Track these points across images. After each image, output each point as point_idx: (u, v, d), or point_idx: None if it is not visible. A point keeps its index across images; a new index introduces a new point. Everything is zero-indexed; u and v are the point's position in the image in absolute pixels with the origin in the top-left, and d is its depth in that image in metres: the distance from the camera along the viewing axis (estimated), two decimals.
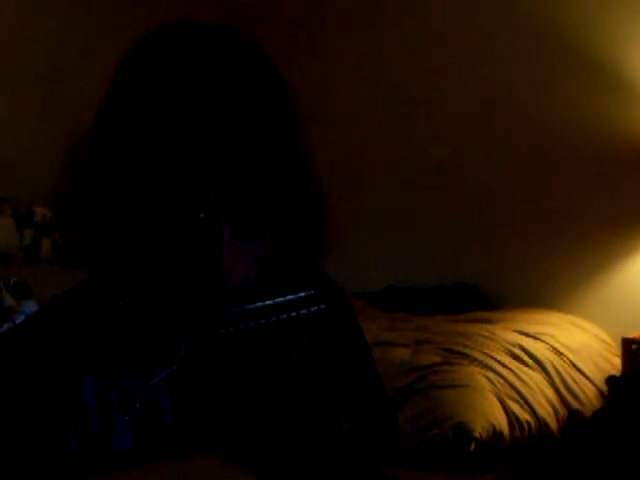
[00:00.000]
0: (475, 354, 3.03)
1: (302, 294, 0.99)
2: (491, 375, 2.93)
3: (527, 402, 2.94)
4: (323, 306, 1.00)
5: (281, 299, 0.97)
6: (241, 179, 0.90)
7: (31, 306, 3.35)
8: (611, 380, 3.27)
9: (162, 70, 0.91)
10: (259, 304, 0.96)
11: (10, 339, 0.99)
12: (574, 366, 3.28)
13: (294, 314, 0.98)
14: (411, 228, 4.35)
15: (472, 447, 2.65)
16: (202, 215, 0.88)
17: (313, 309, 0.99)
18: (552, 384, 3.13)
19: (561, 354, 3.27)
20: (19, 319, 3.20)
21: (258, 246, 0.94)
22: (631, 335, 3.37)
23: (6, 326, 3.20)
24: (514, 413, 2.85)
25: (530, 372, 3.08)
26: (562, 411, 3.09)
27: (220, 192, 0.89)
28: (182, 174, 0.88)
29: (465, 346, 3.10)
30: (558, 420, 3.05)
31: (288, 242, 0.98)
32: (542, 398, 3.02)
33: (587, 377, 3.30)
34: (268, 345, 0.99)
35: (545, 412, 2.99)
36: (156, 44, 0.94)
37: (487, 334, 3.24)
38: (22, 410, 0.92)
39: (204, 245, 0.89)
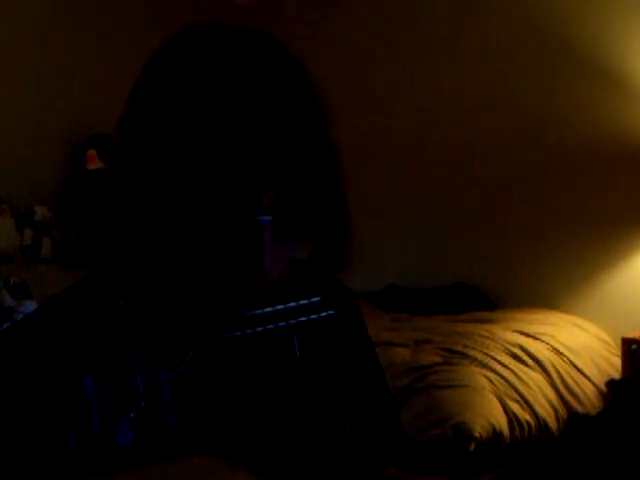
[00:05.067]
0: (475, 354, 3.03)
1: (311, 300, 0.99)
2: (491, 375, 2.93)
3: (527, 402, 2.94)
4: (331, 312, 1.00)
5: (291, 304, 0.97)
6: (290, 181, 0.89)
7: (31, 306, 3.35)
8: (612, 384, 3.27)
9: (192, 72, 0.89)
10: (268, 309, 0.96)
11: (7, 337, 0.98)
12: (574, 366, 3.28)
13: (302, 319, 0.98)
14: (411, 228, 4.35)
15: (472, 447, 2.65)
16: (251, 218, 0.88)
17: (321, 314, 0.99)
18: (552, 384, 3.13)
19: (561, 354, 3.27)
20: (19, 319, 3.20)
21: (293, 246, 0.94)
22: (631, 335, 3.37)
23: (6, 326, 3.19)
24: (514, 413, 2.85)
25: (530, 372, 3.08)
26: (562, 411, 3.09)
27: (271, 195, 0.88)
28: (231, 178, 0.86)
29: (465, 346, 3.10)
30: (558, 420, 3.05)
31: (322, 247, 0.98)
32: (542, 398, 3.02)
33: (587, 377, 3.30)
34: (273, 349, 0.99)
35: (545, 412, 2.99)
36: (184, 46, 0.92)
37: (487, 334, 3.24)
38: (21, 409, 0.92)
39: (246, 246, 0.89)
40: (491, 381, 2.90)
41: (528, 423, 2.89)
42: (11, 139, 3.90)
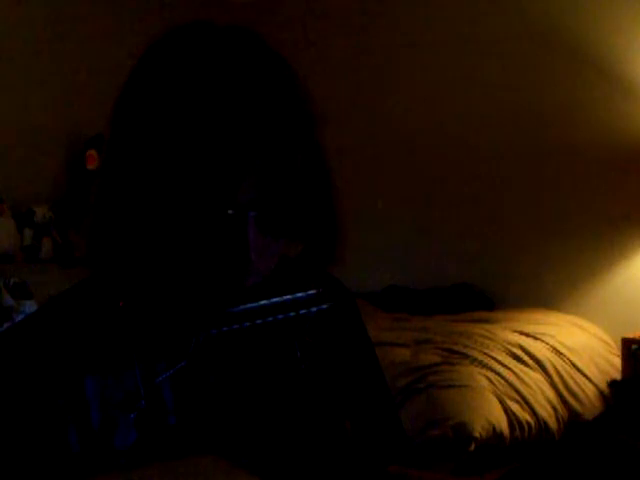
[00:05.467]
0: (475, 354, 3.03)
1: (309, 292, 0.99)
2: (491, 375, 2.93)
3: (527, 402, 2.94)
4: (329, 305, 1.00)
5: (287, 297, 0.98)
6: (267, 176, 0.90)
7: (31, 306, 3.35)
8: (614, 384, 3.26)
9: (177, 70, 0.91)
10: (264, 302, 0.96)
11: (8, 338, 0.98)
12: (574, 366, 3.28)
13: (300, 312, 0.98)
14: (411, 228, 4.35)
15: (472, 447, 2.65)
16: (230, 212, 0.89)
17: (319, 307, 0.99)
18: (552, 384, 3.13)
19: (561, 354, 3.27)
20: (19, 319, 3.19)
21: (281, 242, 0.95)
22: (631, 335, 3.37)
23: (6, 326, 3.20)
24: (514, 413, 2.85)
25: (530, 372, 3.08)
26: (562, 411, 3.09)
27: (247, 189, 0.89)
28: (208, 172, 0.87)
29: (465, 346, 3.10)
30: (558, 421, 3.05)
31: (311, 242, 0.99)
32: (542, 398, 3.02)
33: (587, 377, 3.29)
34: (272, 344, 0.99)
35: (545, 412, 2.99)
36: (172, 44, 0.94)
37: (487, 334, 3.24)
38: (21, 409, 0.92)
39: (231, 241, 0.90)
40: (491, 381, 2.90)
41: (528, 423, 2.89)
42: (11, 139, 3.90)
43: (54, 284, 1.37)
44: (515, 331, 3.33)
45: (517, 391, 2.94)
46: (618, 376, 3.34)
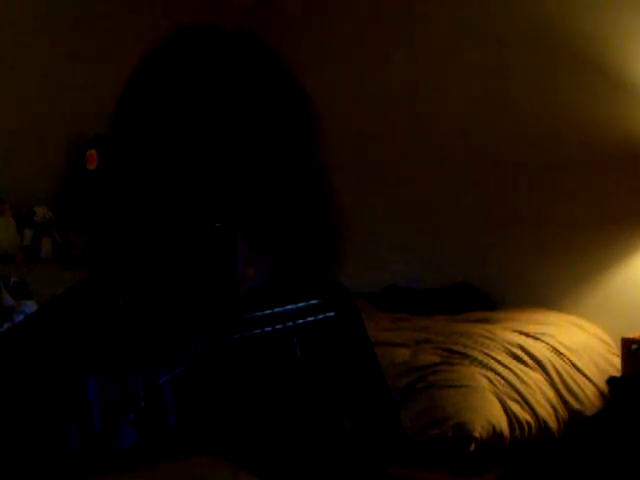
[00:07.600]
0: (475, 354, 3.03)
1: (310, 302, 0.99)
2: (491, 375, 2.93)
3: (527, 402, 2.94)
4: (331, 313, 1.01)
5: (290, 307, 0.98)
6: (256, 188, 0.90)
7: (31, 306, 3.35)
8: (612, 381, 3.26)
9: (178, 76, 0.91)
10: (268, 311, 0.96)
11: (10, 338, 0.98)
12: (574, 366, 3.28)
13: (301, 321, 0.99)
14: (411, 228, 4.35)
15: (472, 447, 2.65)
16: (218, 224, 0.89)
17: (320, 316, 0.99)
18: (552, 384, 3.13)
19: (561, 354, 3.27)
20: (19, 319, 3.20)
21: (268, 254, 0.95)
22: (631, 335, 3.37)
23: (6, 326, 3.20)
24: (514, 413, 2.85)
25: (530, 372, 3.08)
26: (562, 411, 3.09)
27: (235, 201, 0.89)
28: (198, 183, 0.88)
29: (465, 346, 3.10)
30: (558, 420, 3.05)
31: (302, 251, 0.99)
32: (542, 398, 3.02)
33: (587, 377, 3.30)
34: (272, 345, 0.99)
35: (545, 412, 2.99)
36: (174, 48, 0.94)
37: (487, 334, 3.24)
38: (24, 410, 0.92)
39: (219, 252, 0.90)
40: (491, 381, 2.90)
41: (528, 423, 2.89)
42: (11, 139, 3.90)
43: (54, 284, 1.37)
44: (515, 331, 3.33)
45: (517, 391, 2.94)
46: (618, 376, 3.34)
